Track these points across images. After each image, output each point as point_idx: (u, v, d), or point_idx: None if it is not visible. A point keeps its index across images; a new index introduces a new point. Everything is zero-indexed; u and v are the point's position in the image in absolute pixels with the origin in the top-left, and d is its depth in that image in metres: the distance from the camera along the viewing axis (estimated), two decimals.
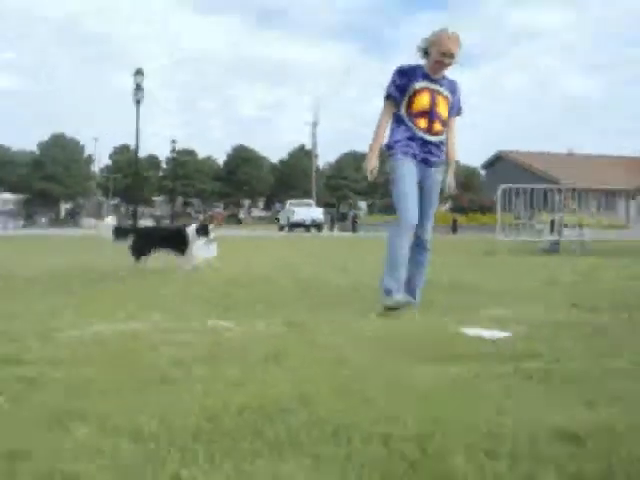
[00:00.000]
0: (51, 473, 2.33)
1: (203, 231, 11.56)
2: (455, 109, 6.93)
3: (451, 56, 6.51)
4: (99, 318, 5.91)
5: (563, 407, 3.18)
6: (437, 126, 6.68)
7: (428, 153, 6.70)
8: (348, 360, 4.26)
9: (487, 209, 56.97)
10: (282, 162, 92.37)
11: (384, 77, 6.76)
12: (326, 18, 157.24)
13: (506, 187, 21.92)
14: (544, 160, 67.06)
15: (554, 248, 19.49)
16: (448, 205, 68.78)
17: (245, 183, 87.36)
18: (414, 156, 6.64)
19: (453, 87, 6.85)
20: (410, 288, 6.76)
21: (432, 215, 6.94)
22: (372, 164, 6.65)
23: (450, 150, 6.99)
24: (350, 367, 4.06)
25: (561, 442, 2.69)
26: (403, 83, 6.60)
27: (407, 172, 6.60)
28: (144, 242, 11.53)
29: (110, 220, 14.32)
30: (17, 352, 4.39)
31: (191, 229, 11.59)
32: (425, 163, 6.71)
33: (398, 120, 6.70)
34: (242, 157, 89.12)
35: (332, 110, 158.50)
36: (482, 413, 3.08)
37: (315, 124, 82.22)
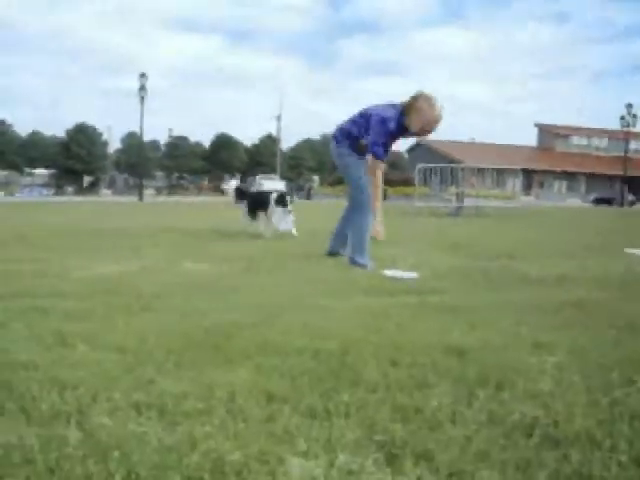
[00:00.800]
0: (53, 378, 2.28)
1: (281, 201, 9.20)
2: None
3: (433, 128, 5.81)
4: (110, 262, 5.83)
5: (453, 329, 3.18)
6: None
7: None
8: (291, 294, 4.24)
9: (410, 183, 57.29)
10: (254, 146, 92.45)
11: (330, 84, 6.41)
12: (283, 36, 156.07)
13: (421, 166, 22.26)
14: (453, 146, 67.34)
15: (457, 212, 19.69)
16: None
17: (225, 162, 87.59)
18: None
19: None
20: (343, 242, 6.38)
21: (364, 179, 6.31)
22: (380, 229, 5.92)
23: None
24: (291, 299, 4.03)
25: (450, 355, 2.69)
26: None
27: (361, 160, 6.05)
28: (256, 205, 9.47)
29: (234, 183, 13.25)
30: (33, 288, 4.31)
31: (272, 197, 9.31)
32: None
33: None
34: (223, 142, 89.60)
35: (291, 106, 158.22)
36: (390, 333, 3.07)
37: (279, 117, 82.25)
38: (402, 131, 5.82)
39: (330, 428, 1.91)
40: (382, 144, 5.75)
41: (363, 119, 5.91)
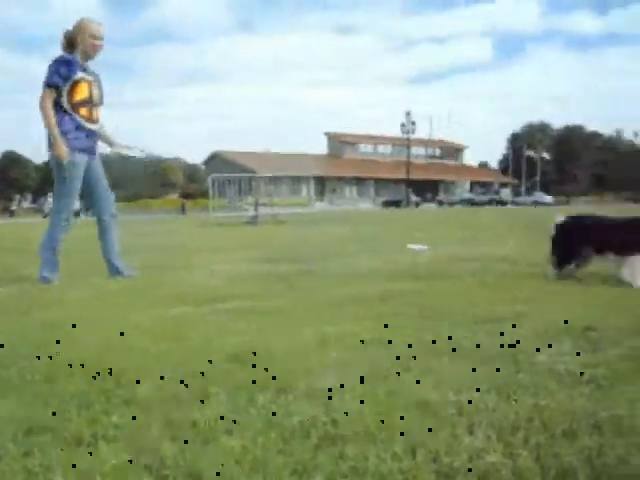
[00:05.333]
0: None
1: None
2: (101, 98, 5.74)
3: (101, 38, 5.52)
4: None
5: (240, 334, 3.07)
6: (96, 114, 5.61)
7: (92, 142, 5.60)
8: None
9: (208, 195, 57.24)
10: (45, 163, 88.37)
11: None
12: None
13: (214, 176, 22.25)
14: (248, 157, 68.06)
15: (254, 221, 19.82)
16: (177, 193, 68.62)
17: (14, 181, 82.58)
18: (82, 149, 5.46)
19: (98, 77, 5.69)
20: (114, 265, 5.66)
21: (109, 191, 5.82)
22: (64, 150, 5.29)
23: (106, 133, 5.87)
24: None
25: (233, 362, 2.57)
26: (65, 72, 5.36)
27: (77, 172, 5.43)
28: None
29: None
30: None
31: None
32: (91, 152, 5.57)
33: (61, 110, 5.39)
34: (11, 160, 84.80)
35: None
36: (172, 345, 2.90)
37: None
38: (81, 67, 5.48)
39: (95, 455, 1.71)
40: (59, 75, 5.37)
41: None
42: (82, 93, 5.46)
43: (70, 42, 5.50)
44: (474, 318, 3.36)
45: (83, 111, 5.48)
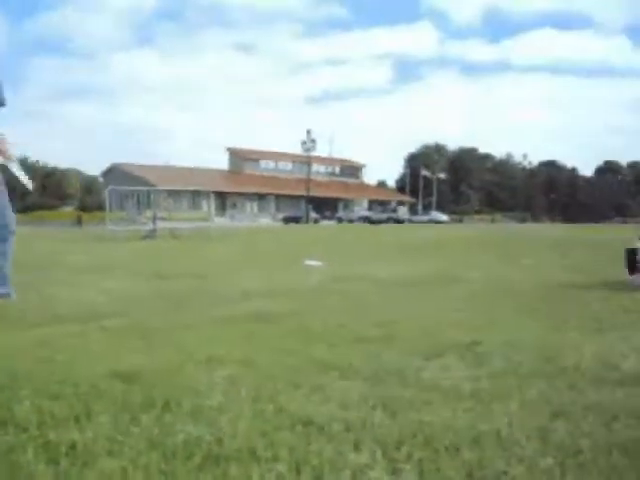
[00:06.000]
0: None
1: None
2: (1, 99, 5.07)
3: None
4: None
5: (127, 353, 2.98)
6: None
7: None
8: None
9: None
10: None
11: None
12: None
13: (112, 188, 21.75)
14: (147, 170, 66.65)
15: (152, 234, 19.43)
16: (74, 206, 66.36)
17: None
18: None
19: None
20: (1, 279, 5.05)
21: (8, 207, 5.08)
22: None
23: (4, 144, 5.11)
24: None
25: (118, 381, 2.47)
26: None
27: None
28: None
29: None
30: None
31: None
32: None
33: None
34: None
35: None
36: (57, 364, 2.77)
37: None
38: None
39: None
40: None
41: None
42: None
43: None
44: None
45: None
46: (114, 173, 70.10)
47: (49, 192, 78.93)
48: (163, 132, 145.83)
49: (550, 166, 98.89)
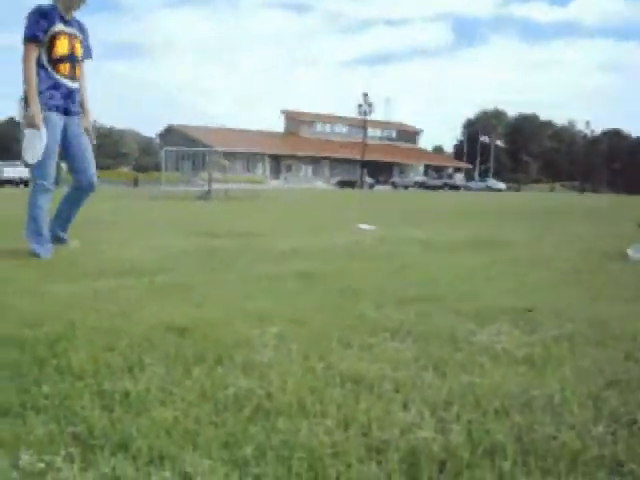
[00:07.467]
0: None
1: None
2: (87, 51, 5.30)
3: None
4: None
5: (178, 308, 3.02)
6: (77, 72, 5.12)
7: (71, 102, 5.08)
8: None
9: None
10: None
11: None
12: None
13: (168, 149, 21.84)
14: (203, 131, 67.14)
15: (206, 195, 19.63)
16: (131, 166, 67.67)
17: None
18: (57, 108, 4.98)
19: (82, 28, 5.19)
20: (63, 225, 5.38)
21: (92, 157, 5.32)
22: (38, 112, 4.82)
23: (84, 97, 5.32)
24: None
25: (170, 334, 2.52)
26: (44, 25, 4.86)
27: (50, 135, 4.91)
28: None
29: None
30: None
31: None
32: (68, 113, 5.08)
33: (38, 66, 4.90)
34: None
35: None
36: (111, 316, 2.84)
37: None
38: (61, 19, 4.99)
39: (22, 425, 1.66)
40: (39, 27, 4.90)
41: None
42: (62, 48, 4.96)
43: None
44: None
45: (62, 68, 4.99)
46: (170, 134, 70.86)
47: (104, 152, 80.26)
48: (211, 92, 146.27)
49: (614, 135, 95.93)
